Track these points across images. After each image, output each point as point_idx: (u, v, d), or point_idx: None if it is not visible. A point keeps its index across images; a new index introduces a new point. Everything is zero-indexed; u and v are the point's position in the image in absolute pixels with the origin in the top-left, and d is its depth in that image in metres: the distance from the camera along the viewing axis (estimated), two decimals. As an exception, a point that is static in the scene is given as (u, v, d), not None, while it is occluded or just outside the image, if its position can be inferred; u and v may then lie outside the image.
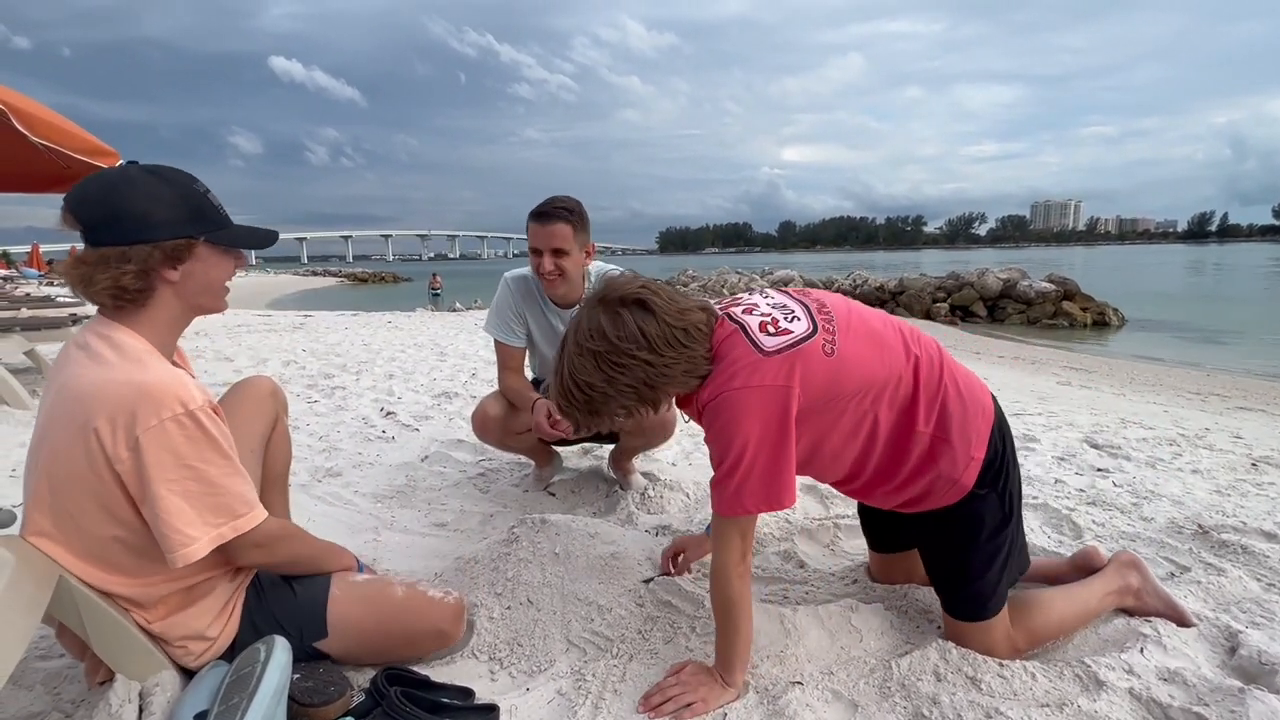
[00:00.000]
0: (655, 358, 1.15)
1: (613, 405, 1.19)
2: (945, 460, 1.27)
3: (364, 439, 3.11)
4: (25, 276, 21.57)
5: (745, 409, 1.15)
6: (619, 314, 1.16)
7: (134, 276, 1.08)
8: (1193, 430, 3.60)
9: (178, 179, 1.15)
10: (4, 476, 2.55)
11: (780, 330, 1.21)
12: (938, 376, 1.29)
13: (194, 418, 1.07)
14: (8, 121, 3.37)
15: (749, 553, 1.25)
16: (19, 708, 1.22)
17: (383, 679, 1.20)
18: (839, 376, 1.21)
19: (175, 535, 1.06)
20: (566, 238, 1.98)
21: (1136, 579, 1.48)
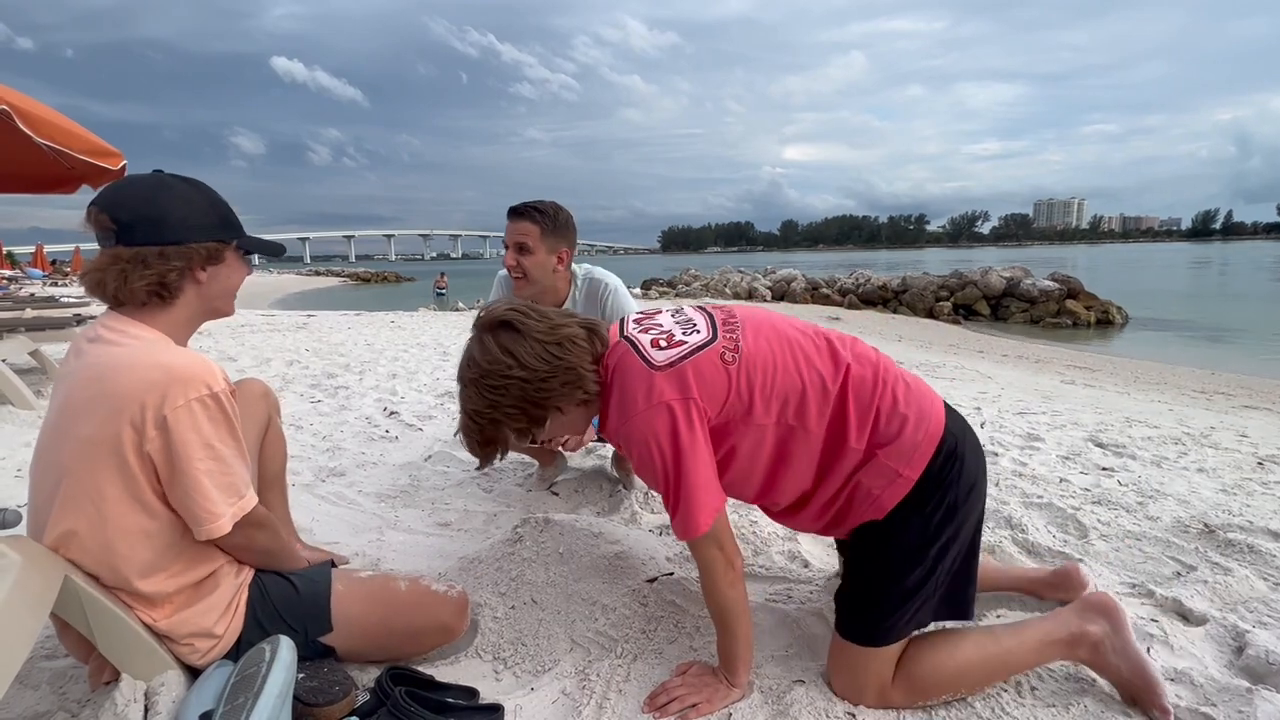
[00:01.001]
0: (529, 374, 1.17)
1: (503, 429, 1.22)
2: (870, 475, 1.19)
3: (367, 438, 3.12)
4: (30, 277, 21.65)
5: (650, 433, 1.14)
6: (484, 339, 1.20)
7: (177, 274, 1.16)
8: (1198, 429, 3.58)
9: (205, 188, 1.23)
10: (9, 477, 2.56)
11: (674, 343, 1.20)
12: (871, 388, 1.20)
13: (217, 399, 1.12)
14: (11, 122, 3.38)
15: (735, 558, 1.21)
16: (25, 707, 1.22)
17: (387, 678, 1.20)
18: (743, 383, 1.17)
19: (203, 511, 1.11)
20: (530, 235, 2.00)
21: (1100, 629, 1.22)
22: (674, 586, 1.58)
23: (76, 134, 3.83)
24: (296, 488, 2.35)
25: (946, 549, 1.20)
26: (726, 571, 1.20)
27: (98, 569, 1.12)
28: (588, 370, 1.20)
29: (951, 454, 1.20)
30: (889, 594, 1.20)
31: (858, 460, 1.20)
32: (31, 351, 4.28)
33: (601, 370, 1.23)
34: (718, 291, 18.00)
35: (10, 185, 4.79)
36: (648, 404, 1.15)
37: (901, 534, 1.19)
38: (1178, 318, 13.78)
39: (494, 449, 1.26)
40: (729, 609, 1.22)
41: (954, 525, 1.20)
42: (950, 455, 1.20)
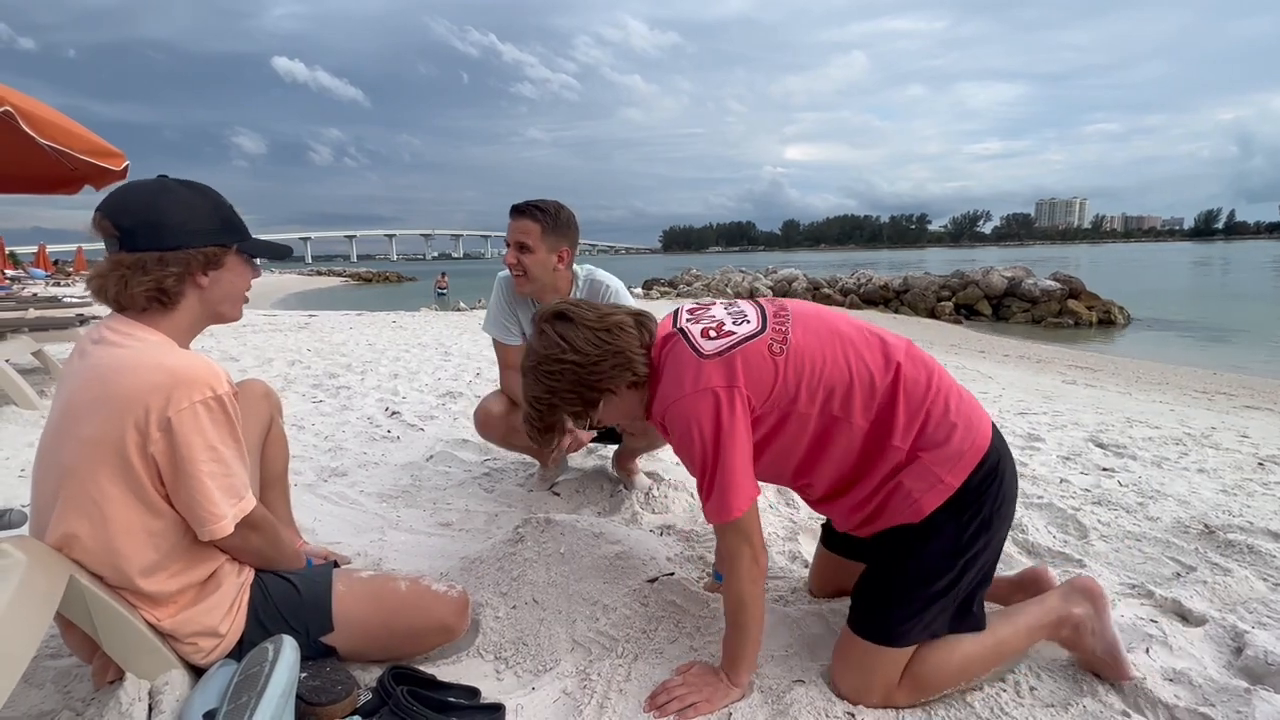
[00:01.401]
0: (582, 357, 1.24)
1: (560, 413, 1.29)
2: (912, 477, 1.20)
3: (369, 439, 3.13)
4: (32, 277, 21.70)
5: (694, 416, 1.18)
6: (542, 329, 1.28)
7: (175, 279, 1.15)
8: (1199, 429, 3.58)
9: (209, 192, 1.23)
10: (13, 477, 2.57)
11: (723, 333, 1.24)
12: (924, 391, 1.22)
13: (220, 401, 1.13)
14: (14, 123, 3.39)
15: (760, 554, 1.22)
16: (30, 705, 1.23)
17: (389, 678, 1.21)
18: (790, 374, 1.19)
19: (206, 512, 1.12)
20: (531, 233, 2.01)
21: (1083, 610, 1.28)
22: (674, 587, 1.59)
23: (79, 135, 3.84)
24: (298, 488, 2.36)
25: (974, 560, 1.22)
26: (751, 566, 1.21)
27: (101, 569, 1.13)
28: (636, 354, 1.26)
29: (993, 470, 1.22)
30: (913, 597, 1.21)
31: (899, 460, 1.21)
32: (35, 352, 4.29)
33: (652, 358, 1.28)
34: (719, 291, 17.99)
35: (13, 186, 4.80)
36: (694, 388, 1.18)
37: (935, 540, 1.20)
38: (1180, 318, 13.76)
39: (553, 434, 1.33)
40: (746, 604, 1.23)
41: (985, 538, 1.22)
42: (992, 471, 1.21)
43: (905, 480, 1.20)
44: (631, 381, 1.27)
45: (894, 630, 1.22)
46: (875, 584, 1.27)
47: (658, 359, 1.28)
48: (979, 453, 1.21)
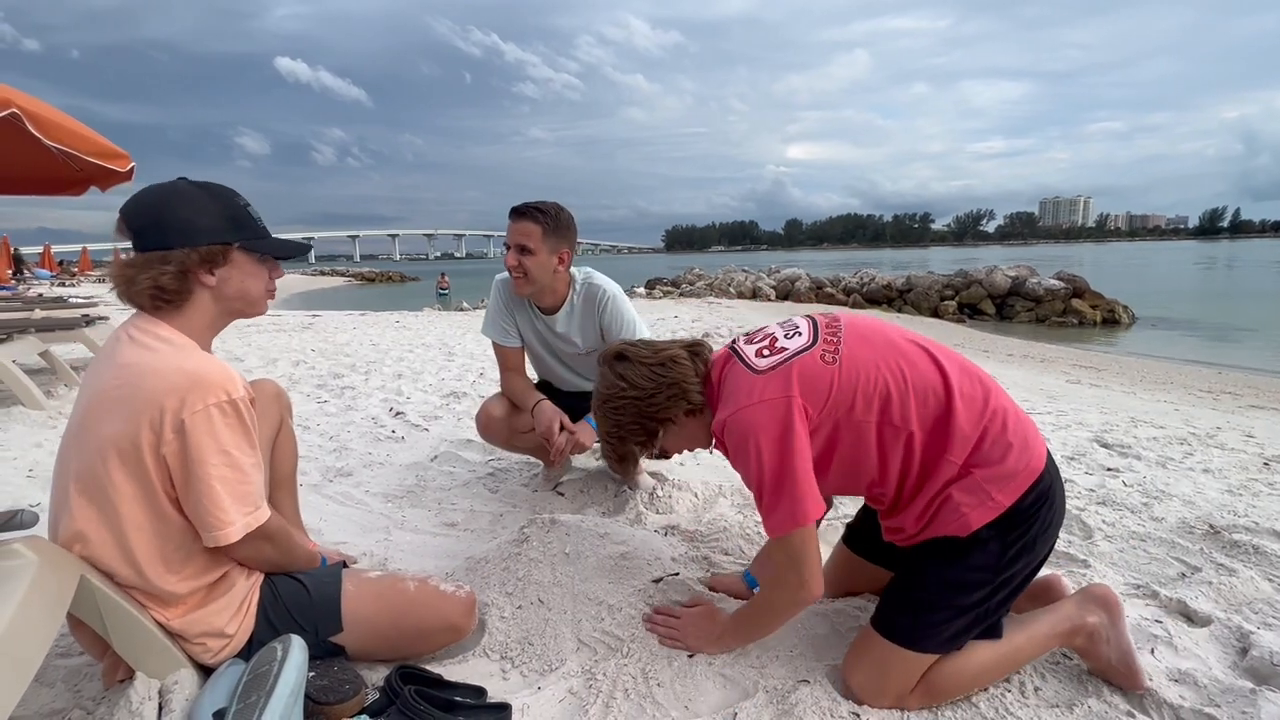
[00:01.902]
0: (640, 392, 1.33)
1: (629, 444, 1.39)
2: (962, 491, 1.20)
3: (374, 439, 3.14)
4: (38, 277, 21.79)
5: (750, 428, 1.21)
6: (604, 370, 1.39)
7: (172, 277, 1.16)
8: (1204, 429, 3.57)
9: (221, 192, 1.23)
10: (20, 477, 2.58)
11: (776, 349, 1.28)
12: (981, 408, 1.22)
13: (235, 406, 1.13)
14: (21, 125, 3.41)
15: (810, 582, 1.22)
16: (41, 704, 1.24)
17: (396, 677, 1.22)
18: (843, 384, 1.21)
19: (213, 517, 1.12)
20: (532, 236, 2.00)
21: (1098, 619, 1.28)
22: (679, 587, 1.59)
23: (85, 136, 3.86)
24: (304, 488, 2.37)
25: (1011, 580, 1.22)
26: (796, 592, 1.25)
27: (112, 567, 1.14)
28: (691, 383, 1.34)
29: (1045, 493, 1.22)
30: (945, 605, 1.22)
31: (952, 474, 1.21)
32: (41, 352, 4.31)
33: (709, 383, 1.35)
34: (722, 291, 17.98)
35: (20, 187, 4.83)
36: (749, 401, 1.22)
37: (978, 554, 1.20)
38: (1184, 317, 13.71)
39: (629, 463, 1.43)
40: (778, 613, 1.32)
41: (1026, 559, 1.22)
42: (1043, 494, 1.22)
43: (955, 494, 1.20)
44: (688, 409, 1.35)
45: (919, 634, 1.22)
46: (908, 587, 1.28)
47: (716, 381, 1.34)
48: (1033, 475, 1.21)
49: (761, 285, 18.22)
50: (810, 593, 1.24)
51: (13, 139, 3.54)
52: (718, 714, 1.24)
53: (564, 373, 2.32)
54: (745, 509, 2.19)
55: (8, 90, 3.38)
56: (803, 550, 1.22)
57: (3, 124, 3.32)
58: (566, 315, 2.17)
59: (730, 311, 12.24)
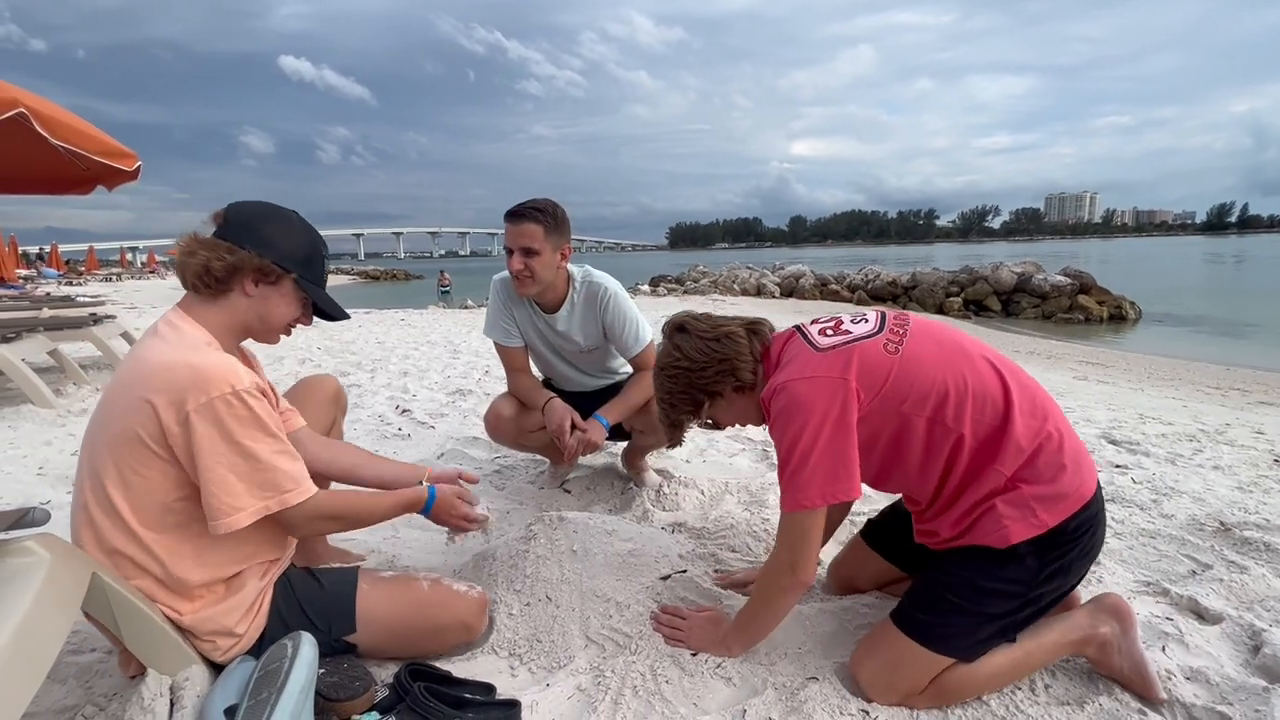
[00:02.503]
0: (691, 364, 1.36)
1: (679, 412, 1.41)
2: (1007, 504, 1.18)
3: (381, 436, 3.15)
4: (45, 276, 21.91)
5: (798, 400, 1.21)
6: (664, 340, 1.43)
7: (224, 266, 1.21)
8: (1213, 426, 3.55)
9: (314, 236, 1.33)
10: (31, 475, 2.60)
11: (840, 331, 1.29)
12: (1039, 425, 1.20)
13: (240, 398, 1.14)
14: (28, 124, 3.43)
15: (800, 564, 1.22)
16: (53, 700, 1.25)
17: (406, 674, 1.22)
18: (901, 375, 1.20)
19: (219, 505, 1.14)
20: (536, 237, 1.97)
21: (1111, 630, 1.27)
22: (687, 584, 1.59)
23: (91, 135, 3.88)
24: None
25: (1041, 598, 1.21)
26: (787, 570, 1.25)
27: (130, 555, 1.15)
28: (743, 361, 1.35)
29: (1090, 520, 1.20)
30: (971, 612, 1.20)
31: (999, 485, 1.19)
32: (50, 351, 4.34)
33: (767, 358, 1.37)
34: (726, 288, 17.96)
35: (28, 186, 4.86)
36: (803, 374, 1.22)
37: (1013, 568, 1.18)
38: (1192, 313, 13.63)
39: (678, 430, 1.45)
40: (768, 602, 1.31)
41: (1059, 581, 1.21)
42: (1088, 521, 1.20)
43: (1000, 505, 1.18)
44: (736, 386, 1.36)
45: (940, 635, 1.21)
46: (937, 587, 1.25)
47: (775, 357, 1.34)
48: (1081, 500, 1.19)
49: (766, 282, 18.18)
50: (798, 577, 1.24)
51: (20, 138, 3.56)
52: (726, 711, 1.24)
53: (567, 370, 2.32)
54: (752, 506, 2.18)
55: (15, 90, 3.40)
56: (804, 532, 1.22)
57: (10, 124, 3.34)
58: (567, 313, 2.16)
59: (735, 309, 12.21)
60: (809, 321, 1.37)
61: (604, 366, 2.32)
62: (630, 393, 2.16)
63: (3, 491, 2.40)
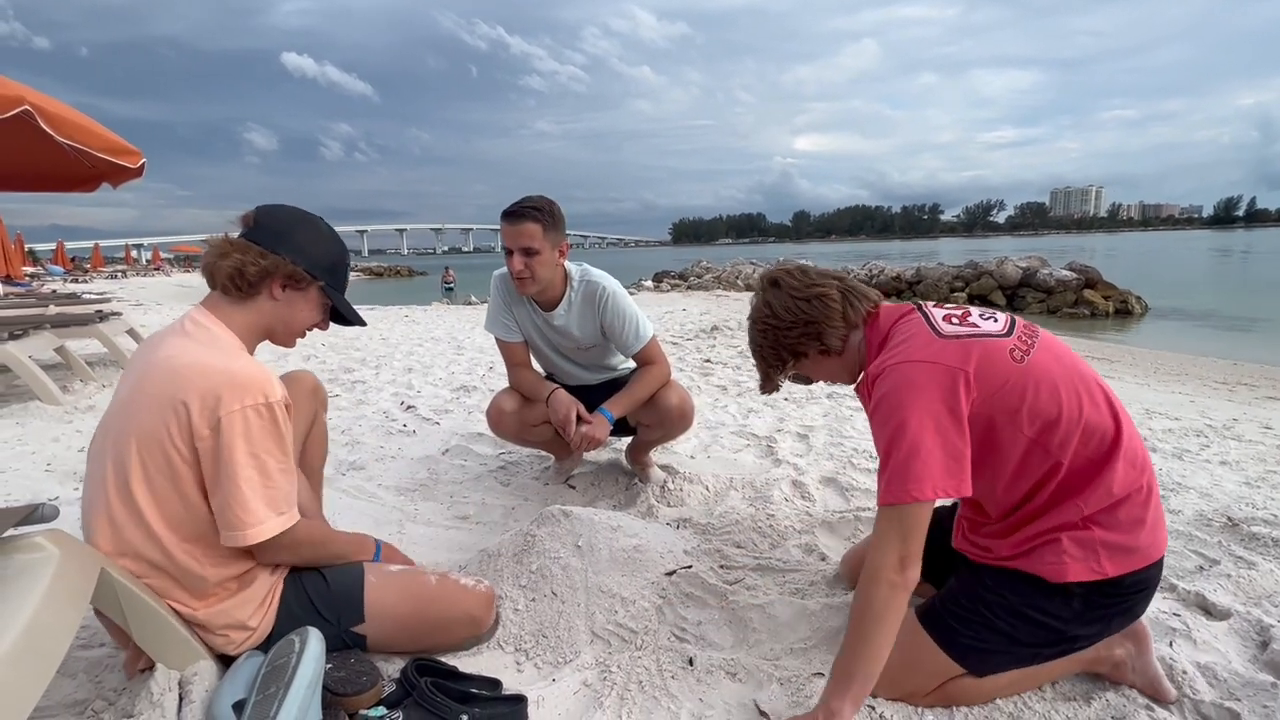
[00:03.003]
0: (778, 321, 1.35)
1: (767, 365, 1.40)
2: (1073, 541, 1.13)
3: (385, 432, 3.15)
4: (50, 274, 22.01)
5: (913, 383, 1.12)
6: (758, 295, 1.41)
7: (258, 270, 1.23)
8: (1220, 421, 3.53)
9: (342, 245, 1.37)
10: (39, 471, 2.62)
11: (967, 322, 1.21)
12: (1137, 475, 1.15)
13: (271, 410, 1.16)
14: (35, 122, 3.44)
15: (911, 559, 1.09)
16: (63, 695, 1.26)
17: (412, 669, 1.22)
18: (1019, 386, 1.12)
19: (236, 517, 1.14)
20: (536, 236, 1.95)
21: (1125, 651, 1.25)
22: (693, 579, 1.59)
23: (97, 133, 3.89)
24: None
25: (1074, 641, 1.18)
26: (895, 567, 1.09)
27: (145, 553, 1.16)
28: (831, 326, 1.32)
29: (1146, 581, 1.16)
30: (1003, 633, 1.17)
31: (1073, 520, 1.14)
32: (57, 348, 4.36)
33: (874, 326, 1.32)
34: (730, 284, 17.92)
35: (33, 184, 4.87)
36: (919, 357, 1.14)
37: (1059, 604, 1.14)
38: (1199, 307, 13.55)
39: (769, 381, 1.43)
40: (874, 610, 1.09)
41: (1097, 630, 1.18)
42: (1144, 581, 1.16)
43: (1065, 540, 1.13)
44: (821, 350, 1.34)
45: (963, 644, 1.18)
46: (974, 600, 1.20)
47: (886, 329, 1.28)
48: (1148, 560, 1.14)
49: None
50: (908, 574, 1.09)
51: (26, 136, 3.57)
52: (732, 706, 1.24)
53: (567, 366, 2.32)
54: (756, 502, 2.18)
55: (20, 88, 3.41)
56: (916, 524, 1.09)
57: (16, 121, 3.35)
58: (565, 311, 2.15)
59: (738, 304, 12.19)
60: (933, 304, 1.30)
61: (604, 363, 2.33)
62: (635, 387, 2.16)
63: (11, 488, 2.42)
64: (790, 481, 2.33)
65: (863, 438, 2.95)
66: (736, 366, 4.86)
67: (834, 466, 2.53)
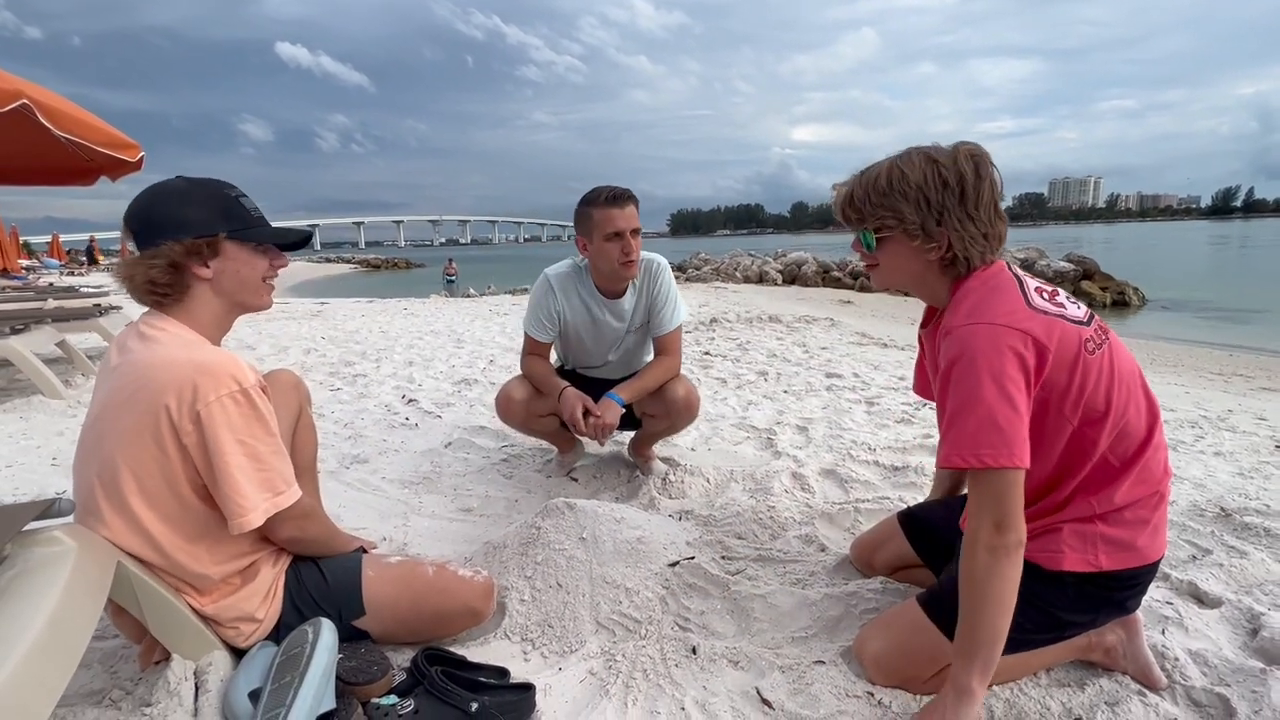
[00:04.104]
0: (969, 203, 1.17)
1: (890, 213, 1.19)
2: (1073, 532, 1.16)
3: (388, 426, 3.17)
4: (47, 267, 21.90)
5: (990, 344, 1.07)
6: (979, 160, 1.19)
7: (162, 271, 1.18)
8: (1215, 412, 3.56)
9: (210, 184, 1.24)
10: (45, 465, 2.63)
11: (1056, 302, 1.18)
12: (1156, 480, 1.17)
13: (247, 395, 1.15)
14: (32, 116, 3.43)
15: (1007, 522, 1.06)
16: (80, 685, 1.28)
17: (423, 658, 1.25)
18: (1083, 377, 1.12)
19: (234, 504, 1.14)
20: (637, 218, 2.07)
21: (1116, 637, 1.28)
22: (695, 570, 1.62)
23: (94, 126, 3.88)
24: (322, 474, 2.39)
25: (1064, 626, 1.21)
26: (993, 531, 1.06)
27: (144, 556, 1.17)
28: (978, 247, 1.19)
29: (1139, 580, 1.20)
30: None
31: (1081, 514, 1.16)
32: (58, 342, 4.37)
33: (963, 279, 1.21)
34: (728, 275, 17.91)
35: (31, 177, 4.86)
36: (1009, 322, 1.09)
37: (1050, 593, 1.17)
38: (1196, 298, 13.58)
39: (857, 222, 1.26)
40: (980, 579, 1.07)
41: (1088, 619, 1.21)
42: (1137, 579, 1.19)
43: (1066, 530, 1.16)
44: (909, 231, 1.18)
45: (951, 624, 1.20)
46: None
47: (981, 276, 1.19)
48: (1145, 560, 1.17)
49: (768, 269, 18.14)
50: (1008, 537, 1.05)
51: (24, 130, 3.56)
52: (735, 693, 1.27)
53: (606, 353, 2.33)
54: (757, 494, 2.21)
55: (18, 81, 3.40)
56: (1009, 487, 1.06)
57: (14, 115, 3.34)
58: (631, 294, 2.22)
59: (737, 296, 12.20)
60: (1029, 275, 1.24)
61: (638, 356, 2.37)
62: (646, 375, 2.19)
63: (19, 482, 2.44)
64: (790, 473, 2.36)
65: (861, 430, 2.98)
66: (736, 359, 4.88)
67: (833, 458, 2.56)
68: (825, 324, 7.16)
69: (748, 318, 7.40)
